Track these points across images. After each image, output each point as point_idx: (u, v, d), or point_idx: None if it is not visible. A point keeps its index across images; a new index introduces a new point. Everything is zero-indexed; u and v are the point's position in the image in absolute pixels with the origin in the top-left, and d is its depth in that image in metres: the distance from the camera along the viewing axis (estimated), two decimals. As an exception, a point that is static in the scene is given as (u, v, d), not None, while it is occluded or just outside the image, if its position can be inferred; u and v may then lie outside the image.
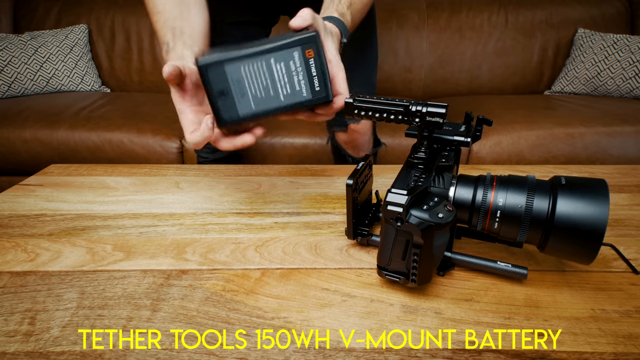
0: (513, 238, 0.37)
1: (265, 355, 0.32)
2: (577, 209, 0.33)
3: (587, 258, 0.35)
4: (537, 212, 0.35)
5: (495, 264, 0.40)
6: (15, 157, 1.25)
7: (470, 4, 1.73)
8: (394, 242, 0.36)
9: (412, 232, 0.34)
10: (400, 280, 0.38)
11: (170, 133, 1.25)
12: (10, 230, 0.50)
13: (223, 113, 0.41)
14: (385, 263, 0.38)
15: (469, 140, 0.40)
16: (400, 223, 0.34)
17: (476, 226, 0.38)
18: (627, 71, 1.47)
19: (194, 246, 0.47)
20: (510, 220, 0.36)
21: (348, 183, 0.40)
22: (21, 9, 1.74)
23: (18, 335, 0.34)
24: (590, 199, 0.33)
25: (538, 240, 0.36)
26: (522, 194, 0.35)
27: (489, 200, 0.36)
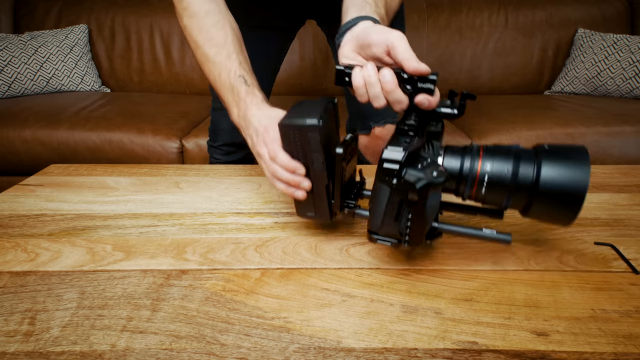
0: (499, 203, 0.38)
1: (265, 355, 0.32)
2: (561, 173, 0.35)
3: (568, 219, 0.37)
4: (523, 177, 0.36)
5: (481, 232, 0.40)
6: (15, 157, 1.25)
7: (470, 4, 1.73)
8: (388, 203, 0.36)
9: (408, 190, 0.34)
10: (392, 244, 0.38)
11: (170, 133, 1.25)
12: (10, 230, 0.50)
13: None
14: (377, 227, 0.38)
15: (456, 111, 0.40)
16: (396, 180, 0.34)
17: (463, 194, 0.39)
18: (627, 71, 1.47)
19: (194, 246, 0.47)
20: (497, 187, 0.37)
21: (338, 152, 0.40)
22: (21, 9, 1.74)
23: (18, 335, 0.34)
24: (573, 163, 0.35)
25: (522, 205, 0.38)
26: (508, 161, 0.37)
27: (477, 168, 0.37)
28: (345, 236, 0.49)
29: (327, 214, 0.45)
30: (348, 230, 0.50)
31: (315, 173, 0.42)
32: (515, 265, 0.43)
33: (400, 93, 0.39)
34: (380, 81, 0.39)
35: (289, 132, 0.41)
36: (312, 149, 0.41)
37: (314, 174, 0.42)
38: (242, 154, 0.96)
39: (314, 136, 0.40)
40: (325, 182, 0.42)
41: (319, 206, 0.44)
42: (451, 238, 0.48)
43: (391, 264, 0.44)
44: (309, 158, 0.41)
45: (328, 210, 0.44)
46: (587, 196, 0.59)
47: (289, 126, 0.41)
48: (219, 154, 0.96)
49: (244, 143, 0.52)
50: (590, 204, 0.57)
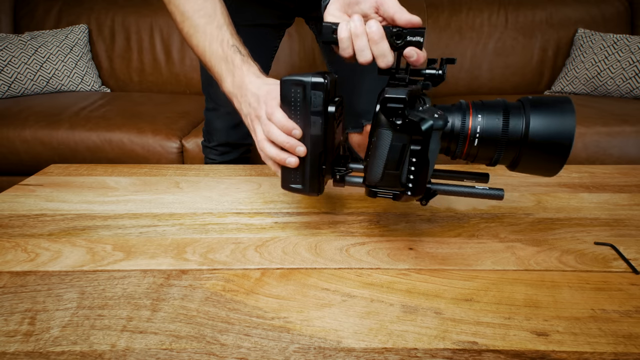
0: (489, 158, 0.38)
1: (265, 355, 0.32)
2: (549, 123, 0.36)
3: (555, 169, 0.37)
4: (513, 130, 0.36)
5: (473, 189, 0.40)
6: (15, 157, 1.25)
7: (470, 4, 1.73)
8: (389, 149, 0.35)
9: (412, 132, 0.34)
10: (394, 197, 0.37)
11: (170, 133, 1.25)
12: (10, 230, 0.50)
13: None
14: (377, 179, 0.37)
15: (440, 72, 0.39)
16: (400, 121, 0.34)
17: (454, 152, 0.39)
18: (627, 71, 1.47)
19: (194, 246, 0.47)
20: (489, 142, 0.37)
21: (330, 110, 0.39)
22: (21, 9, 1.74)
23: (18, 335, 0.34)
24: (560, 113, 0.36)
25: (512, 158, 0.38)
26: (498, 115, 0.37)
27: (468, 124, 0.37)
28: (345, 236, 0.49)
29: (316, 187, 0.42)
30: (348, 230, 0.50)
31: (311, 139, 0.40)
32: (515, 265, 0.43)
33: (386, 45, 0.38)
34: (366, 32, 0.38)
35: (291, 89, 0.39)
36: (313, 110, 0.39)
37: (310, 140, 0.40)
38: (237, 153, 0.95)
39: (317, 94, 0.38)
40: (320, 150, 0.40)
41: (309, 178, 0.42)
42: (450, 238, 0.48)
43: (391, 264, 0.44)
44: (307, 121, 0.39)
45: (317, 183, 0.42)
46: (587, 196, 0.59)
47: (291, 82, 0.39)
48: (214, 155, 0.96)
49: (238, 142, 0.52)
50: (590, 204, 0.57)
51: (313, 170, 0.42)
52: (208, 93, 0.91)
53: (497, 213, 0.55)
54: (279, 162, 0.43)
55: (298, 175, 0.42)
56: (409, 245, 0.47)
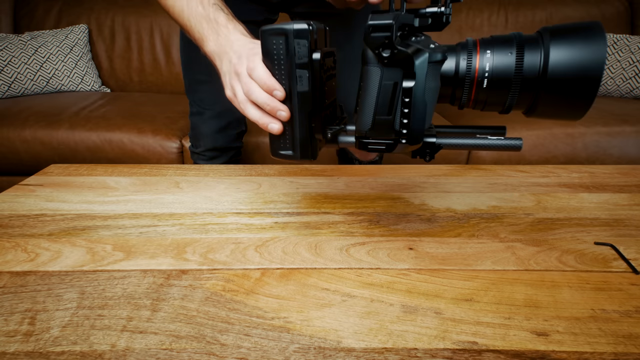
0: (502, 104, 0.33)
1: (265, 355, 0.32)
2: (572, 56, 0.29)
3: (580, 112, 0.32)
4: (529, 68, 0.31)
5: (487, 140, 0.34)
6: (15, 157, 1.25)
7: (470, 4, 1.73)
8: (379, 90, 0.31)
9: (403, 66, 0.29)
10: (387, 147, 0.33)
11: (170, 133, 1.25)
12: (10, 230, 0.50)
13: None
14: (367, 127, 0.32)
15: (443, 9, 0.33)
16: (388, 53, 0.29)
17: (460, 99, 0.33)
18: (627, 71, 1.47)
19: (194, 246, 0.47)
20: (500, 84, 0.32)
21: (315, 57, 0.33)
22: (21, 9, 1.74)
23: (18, 335, 0.34)
24: (585, 43, 0.29)
25: (529, 101, 0.32)
26: (510, 51, 0.31)
27: (475, 65, 0.32)
28: (345, 236, 0.49)
29: (309, 152, 0.38)
30: (348, 230, 0.50)
31: (299, 96, 0.35)
32: (515, 265, 0.43)
33: None
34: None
35: (272, 40, 0.34)
36: (298, 62, 0.34)
37: (298, 98, 0.36)
38: (226, 157, 0.94)
39: (302, 43, 0.33)
40: (309, 108, 0.36)
41: (299, 142, 0.37)
42: (450, 238, 0.48)
43: (391, 264, 0.44)
44: (293, 76, 0.35)
45: (309, 147, 0.37)
46: (587, 196, 0.59)
47: (272, 31, 0.34)
48: (202, 160, 0.94)
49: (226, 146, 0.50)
50: (590, 204, 0.57)
51: (303, 132, 0.37)
52: (192, 97, 0.88)
53: (497, 213, 0.55)
54: (262, 128, 0.39)
55: (287, 140, 0.38)
56: (409, 245, 0.47)
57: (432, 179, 0.66)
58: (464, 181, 0.65)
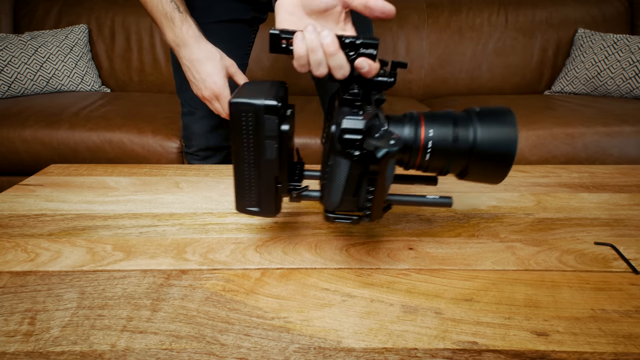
0: (440, 169, 0.39)
1: (265, 355, 0.32)
2: (494, 134, 0.36)
3: (500, 177, 0.38)
4: (462, 141, 0.37)
5: (424, 198, 0.40)
6: (15, 157, 1.25)
7: (470, 4, 1.73)
8: (348, 178, 0.34)
9: (369, 161, 0.33)
10: (352, 221, 0.36)
11: (170, 133, 1.25)
12: (10, 230, 0.50)
13: None
14: (335, 205, 0.36)
15: (393, 80, 0.39)
16: (358, 152, 0.33)
17: (408, 162, 0.39)
18: (627, 71, 1.47)
19: (194, 246, 0.47)
20: (440, 152, 0.37)
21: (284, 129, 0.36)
22: (21, 9, 1.74)
23: (18, 335, 0.34)
24: (503, 124, 0.36)
25: (461, 168, 0.38)
26: (448, 126, 0.37)
27: (421, 136, 0.37)
28: (345, 236, 0.49)
29: (273, 209, 0.41)
30: (348, 230, 0.50)
31: (265, 163, 0.37)
32: (515, 265, 0.43)
33: (342, 56, 0.36)
34: (321, 44, 0.36)
35: (241, 113, 0.36)
36: (266, 135, 0.36)
37: (264, 164, 0.38)
38: (220, 156, 0.93)
39: (271, 119, 0.35)
40: (276, 173, 0.38)
41: (265, 200, 0.40)
42: (450, 238, 0.48)
43: (391, 264, 0.44)
44: (260, 145, 0.37)
45: (274, 204, 0.40)
46: (587, 196, 0.59)
47: (241, 105, 0.35)
48: (196, 160, 0.94)
49: (219, 145, 0.54)
50: (590, 204, 0.57)
51: (269, 193, 0.40)
52: (183, 97, 0.89)
53: (497, 213, 0.55)
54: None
55: (253, 198, 0.40)
56: (409, 245, 0.47)
57: (432, 179, 0.65)
58: (464, 181, 0.65)
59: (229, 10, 0.79)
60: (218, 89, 0.61)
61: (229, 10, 0.79)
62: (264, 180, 0.39)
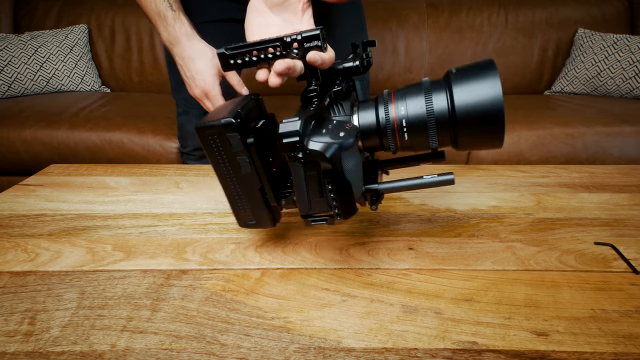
0: (427, 146, 0.36)
1: (265, 355, 0.32)
2: (473, 94, 0.32)
3: (497, 141, 0.34)
4: (439, 110, 0.34)
5: (422, 179, 0.37)
6: (15, 157, 1.25)
7: (470, 4, 1.73)
8: (306, 180, 0.33)
9: (318, 160, 0.32)
10: (327, 221, 0.36)
11: (170, 133, 1.25)
12: (10, 230, 0.50)
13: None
14: (307, 208, 0.35)
15: (357, 63, 0.38)
16: (302, 153, 0.32)
17: (389, 146, 0.37)
18: (627, 71, 1.47)
19: (194, 246, 0.47)
20: (418, 128, 0.35)
21: (249, 141, 0.36)
22: (21, 9, 1.74)
23: (18, 335, 0.34)
24: (481, 80, 0.32)
25: (450, 139, 0.35)
26: (420, 98, 0.34)
27: (392, 115, 0.35)
28: (345, 236, 0.49)
29: (269, 220, 0.41)
30: (348, 230, 0.50)
31: (245, 178, 0.38)
32: (515, 265, 0.43)
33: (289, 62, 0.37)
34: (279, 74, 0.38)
35: (207, 136, 0.36)
36: (235, 151, 0.36)
37: (245, 179, 0.38)
38: None
39: (233, 136, 0.35)
40: (258, 186, 0.39)
41: (258, 213, 0.40)
42: (450, 238, 0.48)
43: (391, 264, 0.44)
44: (234, 162, 0.37)
45: (269, 215, 0.41)
46: (587, 196, 0.59)
47: (204, 128, 0.36)
48: (192, 160, 0.94)
49: None
50: (590, 204, 0.57)
51: (259, 206, 0.40)
52: (178, 97, 0.89)
53: (497, 213, 0.55)
54: None
55: (248, 212, 0.41)
56: (409, 245, 0.47)
57: (432, 179, 0.65)
58: (464, 181, 0.65)
59: (221, 10, 0.78)
60: (207, 87, 0.60)
61: (221, 10, 0.78)
62: (249, 194, 0.39)
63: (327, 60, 0.37)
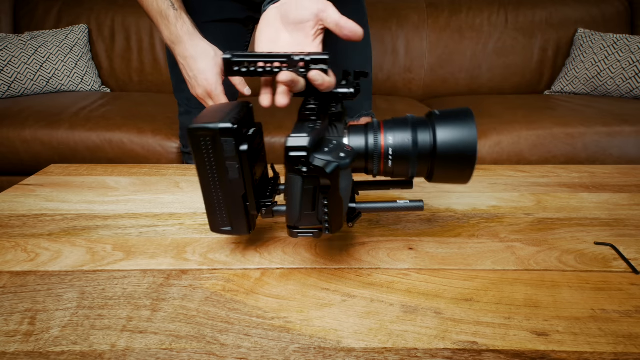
0: (406, 174, 0.40)
1: (265, 355, 0.32)
2: (453, 136, 0.37)
3: (465, 178, 0.39)
4: (422, 145, 0.38)
5: (395, 204, 0.41)
6: (15, 157, 1.25)
7: (470, 4, 1.73)
8: (302, 193, 0.35)
9: (319, 175, 0.33)
10: (314, 235, 0.38)
11: (170, 133, 1.25)
12: (10, 230, 0.50)
13: None
14: (296, 220, 0.37)
15: (352, 91, 0.41)
16: (305, 168, 0.33)
17: (373, 170, 0.40)
18: (627, 71, 1.47)
19: (194, 246, 0.47)
20: (402, 158, 0.38)
21: (242, 149, 0.37)
22: (21, 9, 1.74)
23: (18, 335, 0.34)
24: (461, 125, 0.37)
25: (426, 171, 0.39)
26: (407, 131, 0.38)
27: (380, 143, 0.38)
28: (345, 236, 0.49)
29: (245, 227, 0.42)
30: (348, 230, 0.50)
31: (230, 183, 0.39)
32: (515, 265, 0.43)
33: (295, 75, 0.38)
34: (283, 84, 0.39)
35: (200, 138, 0.37)
36: (226, 156, 0.37)
37: (229, 185, 0.39)
38: None
39: (228, 141, 0.36)
40: (242, 192, 0.39)
41: (236, 219, 0.41)
42: (450, 238, 0.48)
43: (391, 264, 0.44)
44: (222, 167, 0.38)
45: (246, 223, 0.41)
46: (587, 196, 0.59)
47: (198, 130, 0.36)
48: (193, 160, 0.94)
49: None
50: (590, 204, 0.57)
51: (238, 212, 0.41)
52: (179, 97, 0.89)
53: (497, 213, 0.55)
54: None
55: (225, 218, 0.42)
56: (409, 245, 0.47)
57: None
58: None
59: (221, 9, 0.78)
60: (210, 86, 0.60)
61: (221, 10, 0.78)
62: (231, 200, 0.40)
63: (327, 84, 0.38)
